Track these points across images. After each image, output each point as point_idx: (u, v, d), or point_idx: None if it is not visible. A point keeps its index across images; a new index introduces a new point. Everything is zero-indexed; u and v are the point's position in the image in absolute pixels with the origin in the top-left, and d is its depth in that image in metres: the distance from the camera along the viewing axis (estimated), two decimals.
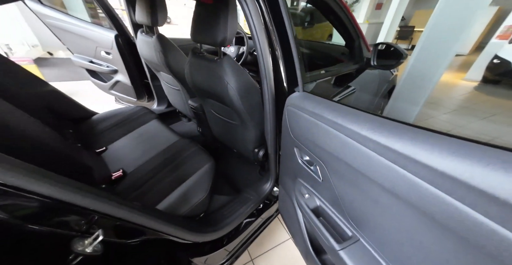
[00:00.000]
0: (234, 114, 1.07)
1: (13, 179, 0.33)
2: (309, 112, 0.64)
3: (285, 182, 0.98)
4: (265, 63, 0.77)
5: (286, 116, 0.77)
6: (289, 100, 0.75)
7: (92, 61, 1.80)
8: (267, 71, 0.79)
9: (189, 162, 1.05)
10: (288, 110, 0.76)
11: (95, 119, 1.48)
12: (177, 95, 1.58)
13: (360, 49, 1.25)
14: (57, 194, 0.38)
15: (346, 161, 0.54)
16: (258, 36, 0.73)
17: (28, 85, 1.21)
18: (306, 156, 0.76)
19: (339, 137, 0.55)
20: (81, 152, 1.07)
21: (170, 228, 0.63)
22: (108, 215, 0.46)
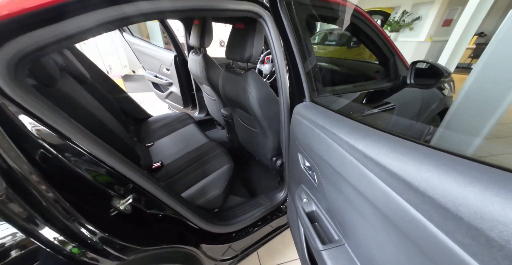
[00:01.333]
0: (256, 123, 1.18)
1: (96, 151, 0.52)
2: (309, 120, 0.68)
3: (291, 188, 0.99)
4: (282, 78, 0.87)
5: (292, 124, 0.83)
6: (296, 109, 0.81)
7: (157, 75, 2.26)
8: (283, 84, 0.88)
9: (212, 161, 1.19)
10: (294, 119, 0.81)
11: (150, 120, 1.83)
12: (213, 105, 1.81)
13: (395, 67, 1.21)
14: (117, 166, 0.56)
15: (335, 167, 0.56)
16: (277, 56, 0.84)
17: (113, 92, 1.64)
18: (306, 162, 0.78)
19: (332, 145, 0.57)
20: (136, 145, 1.35)
21: (186, 211, 0.75)
22: (142, 187, 0.62)
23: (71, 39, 0.46)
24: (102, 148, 0.54)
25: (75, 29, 0.46)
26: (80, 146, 0.50)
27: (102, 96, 1.40)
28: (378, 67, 1.39)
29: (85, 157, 0.52)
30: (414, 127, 1.27)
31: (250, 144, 1.39)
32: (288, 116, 0.94)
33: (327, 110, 0.66)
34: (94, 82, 1.38)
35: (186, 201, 0.83)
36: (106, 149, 0.55)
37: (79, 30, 0.47)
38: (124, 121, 1.58)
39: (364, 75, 1.44)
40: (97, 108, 1.09)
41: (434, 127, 1.38)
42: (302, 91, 0.82)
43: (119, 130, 1.19)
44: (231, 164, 1.16)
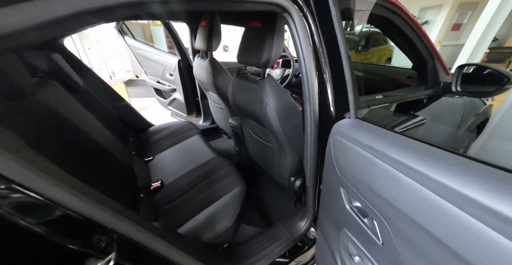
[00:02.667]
0: (271, 137, 1.01)
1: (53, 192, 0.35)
2: (363, 145, 0.50)
3: (325, 227, 0.80)
4: (309, 85, 0.70)
5: (331, 146, 0.65)
6: (337, 128, 0.62)
7: (159, 81, 2.12)
8: (312, 94, 0.71)
9: (220, 182, 1.02)
10: (334, 139, 0.63)
11: (151, 130, 1.68)
12: (220, 113, 1.65)
13: (435, 72, 1.03)
14: (93, 211, 0.38)
15: (423, 224, 0.37)
16: (305, 57, 0.68)
17: (112, 100, 1.49)
18: (356, 202, 0.60)
19: (410, 186, 0.39)
20: (133, 160, 1.19)
21: (190, 261, 0.57)
22: (127, 237, 0.45)
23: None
24: (65, 186, 0.36)
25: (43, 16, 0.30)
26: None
27: (97, 106, 1.25)
28: (409, 72, 1.22)
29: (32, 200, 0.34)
30: (454, 139, 1.08)
31: (263, 160, 1.22)
32: (316, 133, 0.77)
33: (397, 135, 0.48)
34: (89, 91, 1.23)
35: (187, 243, 0.65)
36: (76, 186, 0.38)
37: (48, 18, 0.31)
38: (122, 132, 1.42)
39: (393, 82, 1.27)
40: (88, 121, 0.94)
41: (472, 137, 1.19)
42: (343, 103, 0.65)
43: (114, 145, 1.04)
44: (243, 186, 0.99)
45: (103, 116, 1.22)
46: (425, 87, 1.06)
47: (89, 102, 1.14)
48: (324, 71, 0.70)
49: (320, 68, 0.70)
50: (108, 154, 0.89)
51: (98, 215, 0.39)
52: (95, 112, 1.10)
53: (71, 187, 0.37)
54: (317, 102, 0.73)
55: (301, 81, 0.76)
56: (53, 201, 0.35)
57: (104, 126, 1.09)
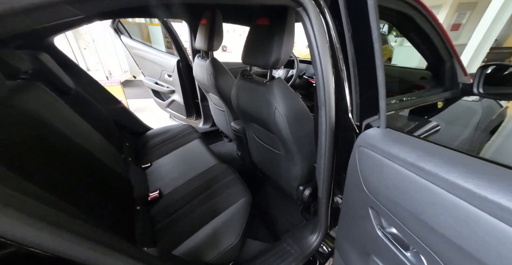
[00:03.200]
0: (279, 143, 0.94)
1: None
2: (403, 162, 0.41)
3: (346, 250, 0.72)
4: (326, 88, 0.62)
5: (356, 160, 0.56)
6: (364, 139, 0.54)
7: (157, 82, 2.04)
8: (328, 98, 0.63)
9: (224, 192, 0.94)
10: (360, 152, 0.54)
11: (149, 134, 1.59)
12: (221, 116, 1.57)
13: (454, 72, 0.97)
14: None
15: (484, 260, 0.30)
16: (321, 57, 0.60)
17: (107, 102, 1.41)
18: (392, 227, 0.51)
19: (477, 218, 0.30)
20: (129, 168, 1.11)
21: None
22: None
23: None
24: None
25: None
26: None
27: (90, 109, 1.17)
28: (423, 73, 1.15)
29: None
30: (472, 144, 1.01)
31: (269, 167, 1.15)
32: (331, 141, 0.69)
33: (433, 146, 0.40)
34: (81, 93, 1.15)
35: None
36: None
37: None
38: (117, 137, 1.34)
39: (406, 83, 1.20)
40: (78, 126, 0.86)
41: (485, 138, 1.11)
42: (369, 109, 0.58)
43: (107, 153, 0.95)
44: (248, 197, 0.91)
45: (97, 121, 1.13)
46: (443, 89, 0.99)
47: (80, 106, 1.05)
48: (342, 73, 0.62)
49: (337, 69, 0.62)
50: (100, 163, 0.81)
51: (79, 254, 0.31)
52: (87, 116, 1.01)
53: (43, 221, 0.29)
54: (333, 108, 0.65)
55: (305, 82, 0.68)
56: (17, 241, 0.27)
57: (97, 131, 1.00)
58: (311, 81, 2.01)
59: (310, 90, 2.07)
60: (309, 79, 2.02)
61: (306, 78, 2.04)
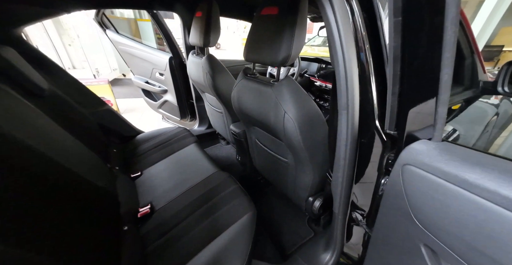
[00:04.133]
0: (287, 151, 0.83)
1: None
2: (477, 189, 0.31)
3: None
4: (349, 88, 0.52)
5: (401, 183, 0.45)
6: (412, 155, 0.42)
7: (148, 82, 1.89)
8: (351, 100, 0.53)
9: (225, 207, 0.83)
10: (408, 173, 0.43)
11: (139, 138, 1.46)
12: (218, 118, 1.46)
13: (474, 69, 0.89)
14: None
15: None
16: (344, 52, 0.50)
17: (89, 104, 1.26)
18: None
19: None
20: (116, 179, 0.98)
21: None
22: None
23: None
24: None
25: None
26: None
27: (70, 113, 1.03)
28: None
29: None
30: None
31: (274, 175, 1.05)
32: (353, 152, 0.59)
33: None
34: (59, 95, 1.00)
35: None
36: None
37: None
38: (102, 144, 1.20)
39: None
40: (50, 136, 0.73)
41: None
42: (397, 116, 0.47)
43: (88, 164, 0.83)
44: (253, 212, 0.81)
45: (77, 126, 1.00)
46: (463, 88, 0.91)
47: (57, 110, 0.91)
48: (369, 69, 0.52)
49: (363, 65, 0.52)
50: (78, 179, 0.68)
51: None
52: (66, 121, 0.88)
53: None
54: (357, 112, 0.55)
55: (306, 81, 0.57)
56: None
57: (77, 139, 0.87)
58: (312, 79, 1.92)
59: (311, 90, 1.98)
60: (311, 78, 1.93)
61: (308, 76, 1.94)
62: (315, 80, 1.89)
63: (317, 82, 1.88)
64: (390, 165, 0.56)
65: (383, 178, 0.59)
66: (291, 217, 1.14)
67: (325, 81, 1.81)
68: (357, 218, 0.69)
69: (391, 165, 0.55)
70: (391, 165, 0.50)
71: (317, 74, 1.89)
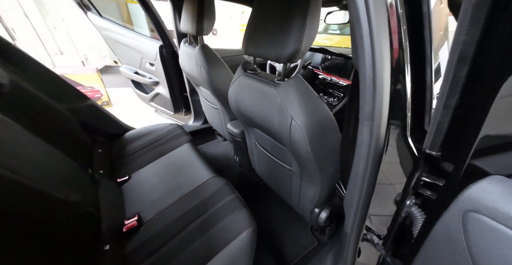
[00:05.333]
0: (291, 158, 0.73)
1: None
2: None
3: None
4: (377, 91, 0.40)
5: (462, 233, 0.33)
6: (481, 198, 0.30)
7: (138, 72, 1.74)
8: (378, 109, 0.42)
9: (222, 221, 0.74)
10: (473, 222, 0.31)
11: (128, 136, 1.34)
12: (215, 114, 1.34)
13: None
14: None
15: None
16: (375, 45, 0.38)
17: (68, 99, 1.12)
18: None
19: None
20: (99, 186, 0.88)
21: None
22: None
23: None
24: None
25: None
26: None
27: (38, 111, 0.89)
28: None
29: None
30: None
31: (276, 183, 0.95)
32: (375, 170, 0.49)
33: None
34: (25, 89, 0.86)
35: None
36: None
37: None
38: (84, 145, 1.08)
39: None
40: (5, 142, 0.61)
41: None
42: (445, 134, 0.36)
43: (58, 175, 0.71)
44: (254, 227, 0.72)
45: (49, 126, 0.87)
46: None
47: (21, 108, 0.78)
48: (405, 68, 0.41)
49: (398, 66, 0.41)
50: (42, 198, 0.57)
51: None
52: (32, 121, 0.75)
53: None
54: (385, 125, 0.44)
55: (309, 74, 0.46)
56: None
57: (47, 142, 0.75)
58: (316, 72, 1.78)
59: (315, 83, 1.85)
60: (314, 70, 1.79)
61: (311, 68, 1.80)
62: (319, 72, 1.75)
63: (321, 75, 1.74)
64: (421, 188, 0.47)
65: (408, 200, 0.50)
66: (293, 224, 1.07)
67: (329, 74, 1.68)
68: (372, 240, 0.61)
69: (422, 187, 0.46)
70: (435, 202, 0.39)
71: (321, 66, 1.75)
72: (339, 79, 1.59)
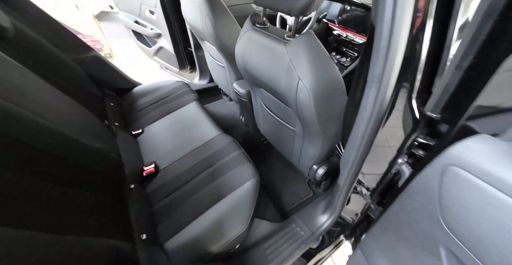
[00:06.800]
0: (295, 119, 0.76)
1: None
2: None
3: (374, 258, 0.66)
4: (390, 53, 0.39)
5: (439, 184, 0.37)
6: (465, 155, 0.33)
7: (138, 21, 1.60)
8: (387, 71, 0.41)
9: (228, 172, 0.84)
10: (451, 175, 0.35)
11: (136, 92, 1.36)
12: (221, 73, 1.30)
13: None
14: None
15: None
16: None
17: (71, 49, 1.09)
18: None
19: None
20: (116, 137, 0.95)
21: None
22: None
23: None
24: None
25: None
26: None
27: (47, 59, 0.89)
28: None
29: None
30: None
31: (279, 142, 1.01)
32: (373, 132, 0.52)
33: None
34: (29, 36, 0.84)
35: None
36: None
37: None
38: (96, 97, 1.12)
39: None
40: (22, 86, 0.64)
41: None
42: (452, 99, 0.37)
43: (80, 122, 0.77)
44: (257, 179, 0.82)
45: (61, 75, 0.88)
46: None
47: (30, 55, 0.78)
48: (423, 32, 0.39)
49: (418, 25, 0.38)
50: (70, 142, 0.64)
51: None
52: (43, 69, 0.76)
53: None
54: (392, 87, 0.44)
55: (323, 28, 0.42)
56: None
57: (62, 91, 0.78)
58: (331, 26, 1.60)
59: (328, 40, 1.69)
60: (329, 24, 1.61)
61: (326, 22, 1.62)
62: (334, 27, 1.58)
63: (336, 31, 1.58)
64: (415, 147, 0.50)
65: (400, 158, 0.54)
66: (292, 178, 1.19)
67: (345, 29, 1.51)
68: (361, 192, 0.69)
69: (427, 160, 0.49)
70: (428, 159, 0.43)
71: (338, 20, 1.56)
72: (355, 36, 1.45)
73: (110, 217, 0.64)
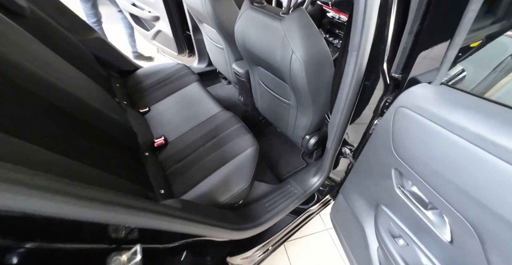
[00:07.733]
0: (290, 93, 0.86)
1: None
2: (466, 134, 0.34)
3: (352, 197, 0.79)
4: (365, 25, 0.48)
5: (390, 121, 0.49)
6: (408, 98, 0.45)
7: (135, 4, 1.62)
8: (364, 40, 0.50)
9: (231, 142, 0.94)
10: (400, 114, 0.46)
11: (139, 74, 1.42)
12: (219, 55, 1.37)
13: None
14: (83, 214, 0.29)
15: None
16: None
17: (76, 30, 1.13)
18: (412, 187, 0.52)
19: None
20: (126, 113, 1.04)
21: (213, 231, 0.57)
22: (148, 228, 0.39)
23: None
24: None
25: None
26: None
27: (59, 39, 0.95)
28: None
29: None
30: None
31: (275, 117, 1.11)
32: (354, 95, 0.62)
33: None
34: (42, 16, 0.89)
35: (206, 213, 0.63)
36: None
37: None
38: (103, 77, 1.18)
39: None
40: (50, 62, 0.71)
41: None
42: (404, 59, 0.47)
43: (97, 96, 0.86)
44: (256, 146, 0.93)
45: (72, 55, 0.95)
46: (492, 20, 0.81)
47: (45, 34, 0.84)
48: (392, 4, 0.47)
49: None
50: (93, 110, 0.74)
51: (99, 217, 0.31)
52: (56, 48, 0.83)
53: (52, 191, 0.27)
54: (368, 54, 0.54)
55: (317, 10, 0.51)
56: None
57: (77, 68, 0.85)
58: (325, 8, 1.65)
59: (322, 22, 1.74)
60: (323, 6, 1.65)
61: (320, 4, 1.66)
62: (328, 9, 1.63)
63: (329, 13, 1.63)
64: (387, 107, 0.60)
65: (376, 119, 0.65)
66: (287, 152, 1.31)
67: (339, 11, 1.57)
68: (345, 152, 0.81)
69: (387, 107, 0.59)
70: (387, 107, 0.54)
71: (331, 1, 1.60)
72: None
73: (134, 175, 0.75)
